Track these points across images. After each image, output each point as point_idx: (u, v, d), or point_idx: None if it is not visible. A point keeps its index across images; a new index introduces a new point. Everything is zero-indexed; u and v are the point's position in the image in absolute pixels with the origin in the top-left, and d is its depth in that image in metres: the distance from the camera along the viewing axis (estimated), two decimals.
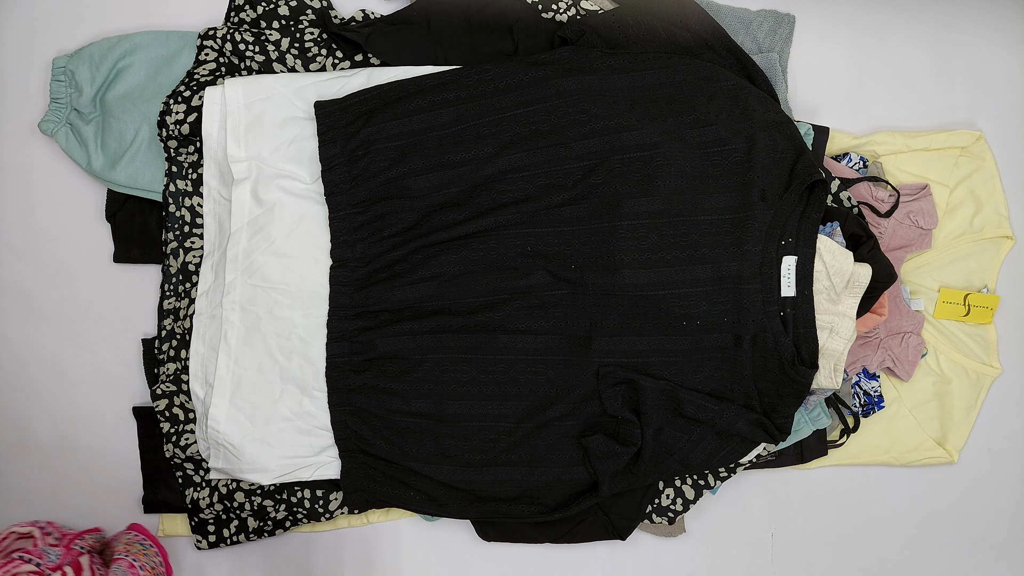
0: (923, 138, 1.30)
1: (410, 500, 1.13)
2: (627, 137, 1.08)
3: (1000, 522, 1.36)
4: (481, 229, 1.10)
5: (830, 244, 1.08)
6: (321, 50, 1.18)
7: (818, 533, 1.34)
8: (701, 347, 1.08)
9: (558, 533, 1.20)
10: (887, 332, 1.27)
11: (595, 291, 1.09)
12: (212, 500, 1.17)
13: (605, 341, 1.09)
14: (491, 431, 1.11)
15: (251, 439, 1.10)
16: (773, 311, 1.06)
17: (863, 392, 1.28)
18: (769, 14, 1.26)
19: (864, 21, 1.34)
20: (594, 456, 1.09)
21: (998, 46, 1.35)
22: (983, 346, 1.33)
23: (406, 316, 1.11)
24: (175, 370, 1.17)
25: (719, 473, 1.21)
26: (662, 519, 1.22)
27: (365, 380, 1.11)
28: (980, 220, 1.32)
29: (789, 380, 1.05)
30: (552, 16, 1.19)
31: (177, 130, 1.14)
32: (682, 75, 1.10)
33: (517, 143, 1.10)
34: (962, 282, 1.33)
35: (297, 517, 1.17)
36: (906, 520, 1.35)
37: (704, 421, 1.07)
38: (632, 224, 1.08)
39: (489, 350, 1.10)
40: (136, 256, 1.22)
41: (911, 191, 1.28)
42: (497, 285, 1.10)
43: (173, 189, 1.18)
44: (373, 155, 1.10)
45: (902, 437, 1.31)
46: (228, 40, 1.17)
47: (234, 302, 1.12)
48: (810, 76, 1.32)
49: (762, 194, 1.06)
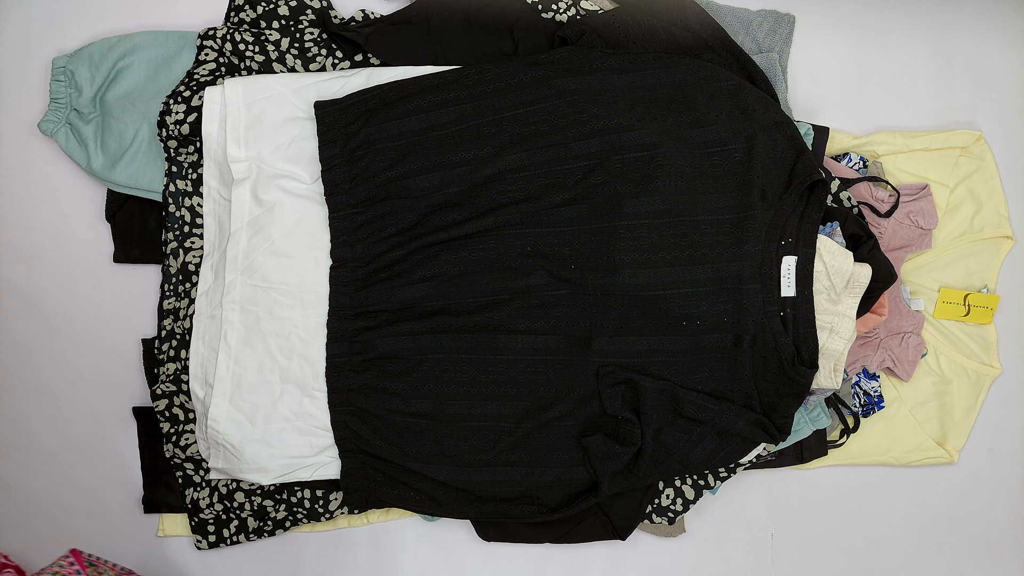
0: (923, 138, 1.30)
1: (410, 500, 1.13)
2: (627, 137, 1.08)
3: (1000, 522, 1.36)
4: (481, 229, 1.10)
5: (830, 244, 1.08)
6: (321, 50, 1.18)
7: (818, 533, 1.33)
8: (701, 347, 1.08)
9: (558, 533, 1.20)
10: (887, 332, 1.27)
11: (595, 291, 1.09)
12: (212, 500, 1.17)
13: (605, 341, 1.09)
14: (491, 431, 1.11)
15: (251, 439, 1.10)
16: (773, 311, 1.06)
17: (863, 392, 1.28)
18: (769, 14, 1.26)
19: (864, 21, 1.34)
20: (594, 456, 1.09)
21: (998, 46, 1.35)
22: (983, 346, 1.33)
23: (406, 316, 1.11)
24: (175, 370, 1.17)
25: (719, 473, 1.21)
26: (662, 519, 1.22)
27: (365, 380, 1.11)
28: (980, 220, 1.32)
29: (789, 380, 1.05)
30: (552, 16, 1.19)
31: (177, 130, 1.14)
32: (682, 75, 1.10)
33: (517, 143, 1.10)
34: (962, 282, 1.33)
35: (297, 517, 1.17)
36: (906, 520, 1.35)
37: (704, 421, 1.07)
38: (632, 224, 1.07)
39: (489, 350, 1.10)
40: (136, 256, 1.22)
41: (911, 191, 1.28)
42: (497, 285, 1.10)
43: (173, 189, 1.18)
44: (373, 155, 1.10)
45: (902, 437, 1.31)
46: (228, 40, 1.17)
47: (234, 302, 1.11)
48: (810, 76, 1.32)
49: (762, 194, 1.06)
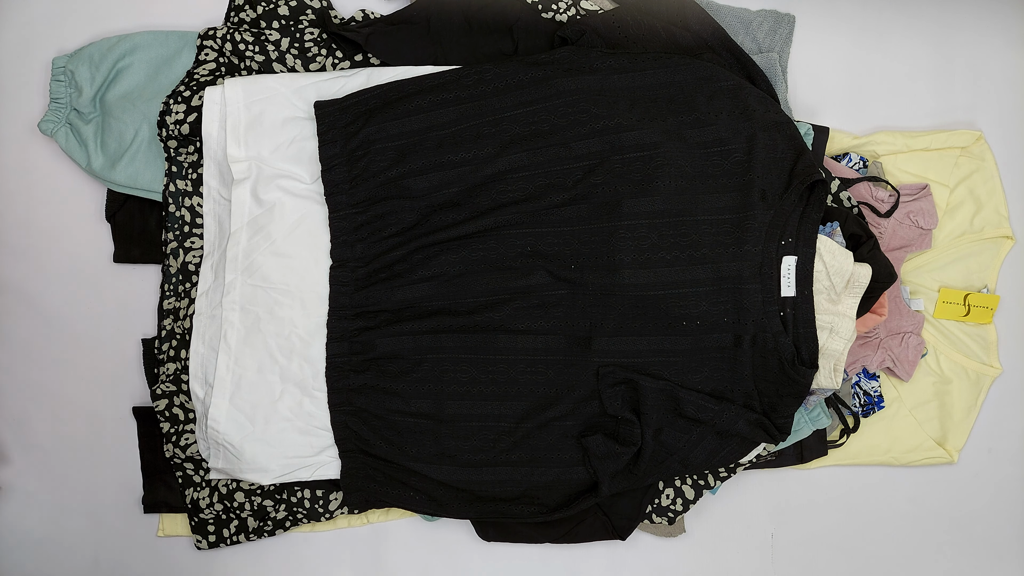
0: (923, 138, 1.30)
1: (410, 500, 1.13)
2: (627, 137, 1.08)
3: (1000, 522, 1.36)
4: (481, 229, 1.10)
5: (830, 244, 1.08)
6: (321, 50, 1.18)
7: (818, 533, 1.33)
8: (701, 347, 1.08)
9: (558, 533, 1.20)
10: (887, 332, 1.27)
11: (595, 291, 1.09)
12: (212, 500, 1.17)
13: (605, 341, 1.09)
14: (491, 431, 1.11)
15: (251, 439, 1.10)
16: (773, 311, 1.06)
17: (863, 392, 1.28)
18: (769, 14, 1.26)
19: (864, 21, 1.34)
20: (594, 456, 1.09)
21: (998, 46, 1.35)
22: (983, 346, 1.33)
23: (406, 316, 1.11)
24: (175, 370, 1.17)
25: (719, 473, 1.21)
26: (662, 519, 1.22)
27: (365, 380, 1.11)
28: (980, 220, 1.32)
29: (789, 380, 1.05)
30: (552, 16, 1.19)
31: (177, 130, 1.14)
32: (682, 75, 1.10)
33: (517, 143, 1.10)
34: (962, 282, 1.33)
35: (297, 517, 1.17)
36: (906, 520, 1.35)
37: (704, 421, 1.07)
38: (632, 224, 1.07)
39: (489, 350, 1.10)
40: (136, 256, 1.22)
41: (911, 191, 1.28)
42: (497, 285, 1.10)
43: (173, 189, 1.18)
44: (373, 155, 1.10)
45: (902, 437, 1.31)
46: (228, 40, 1.17)
47: (234, 302, 1.11)
48: (810, 76, 1.32)
49: (762, 194, 1.06)
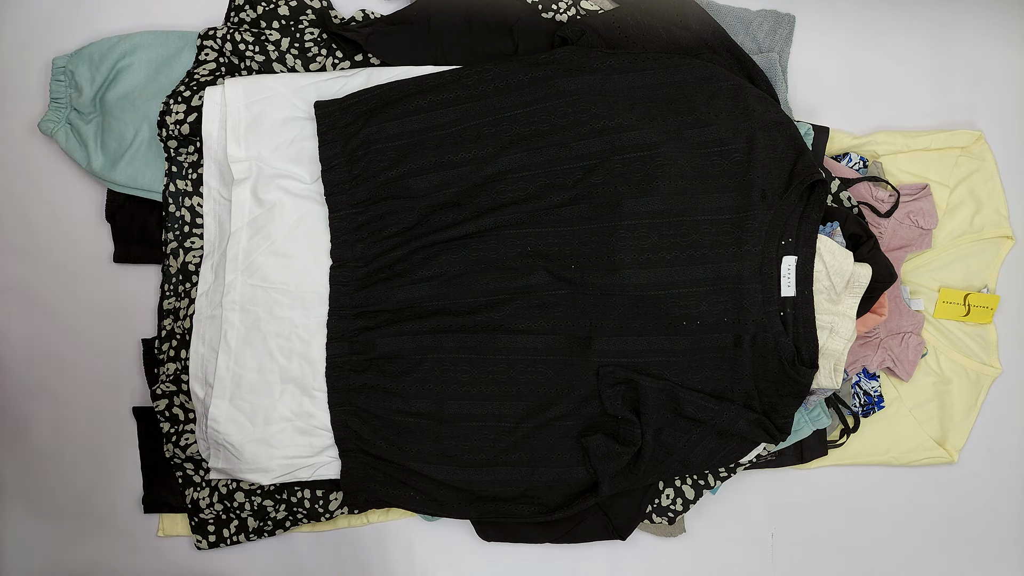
0: (923, 138, 1.30)
1: (410, 500, 1.13)
2: (627, 137, 1.08)
3: (1000, 522, 1.36)
4: (481, 229, 1.10)
5: (830, 244, 1.08)
6: (321, 50, 1.18)
7: (818, 533, 1.33)
8: (701, 347, 1.08)
9: (558, 533, 1.20)
10: (887, 332, 1.27)
11: (595, 291, 1.09)
12: (212, 500, 1.17)
13: (605, 341, 1.09)
14: (491, 431, 1.11)
15: (251, 439, 1.10)
16: (773, 311, 1.06)
17: (863, 392, 1.28)
18: (769, 14, 1.26)
19: (864, 21, 1.34)
20: (594, 456, 1.09)
21: (998, 46, 1.35)
22: (983, 346, 1.33)
23: (406, 316, 1.11)
24: (175, 370, 1.17)
25: (719, 473, 1.21)
26: (662, 519, 1.22)
27: (365, 380, 1.11)
28: (980, 220, 1.32)
29: (789, 380, 1.05)
30: (552, 16, 1.19)
31: (177, 130, 1.14)
32: (682, 75, 1.10)
33: (517, 143, 1.10)
34: (962, 282, 1.33)
35: (297, 517, 1.17)
36: (906, 520, 1.35)
37: (704, 421, 1.07)
38: (632, 224, 1.07)
39: (489, 350, 1.10)
40: (136, 256, 1.22)
41: (911, 191, 1.28)
42: (497, 285, 1.10)
43: (173, 189, 1.17)
44: (373, 155, 1.10)
45: (902, 437, 1.31)
46: (228, 40, 1.17)
47: (234, 302, 1.11)
48: (810, 76, 1.32)
49: (762, 194, 1.06)
